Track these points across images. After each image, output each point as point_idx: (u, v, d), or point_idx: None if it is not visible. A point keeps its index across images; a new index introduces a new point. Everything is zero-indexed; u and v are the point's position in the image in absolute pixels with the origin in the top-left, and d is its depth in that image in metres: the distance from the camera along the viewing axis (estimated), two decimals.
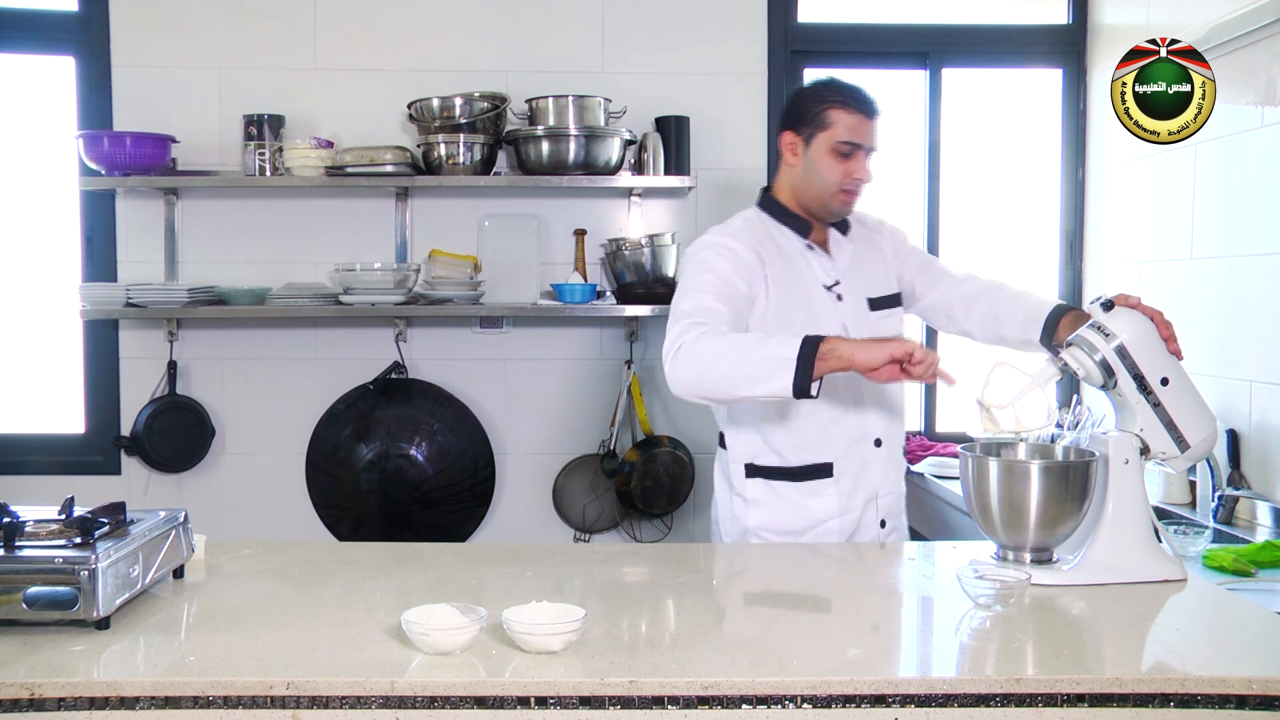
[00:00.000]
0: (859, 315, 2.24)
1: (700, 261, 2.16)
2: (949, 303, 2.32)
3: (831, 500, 2.22)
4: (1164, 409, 1.93)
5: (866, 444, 2.25)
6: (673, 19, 3.65)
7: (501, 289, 3.56)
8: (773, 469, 2.24)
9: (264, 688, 1.38)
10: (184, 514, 1.83)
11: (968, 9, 3.85)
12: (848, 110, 2.16)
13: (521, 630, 1.46)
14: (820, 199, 2.21)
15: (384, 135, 3.55)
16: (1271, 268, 2.75)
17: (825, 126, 2.17)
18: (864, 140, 2.17)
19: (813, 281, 2.23)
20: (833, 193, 2.19)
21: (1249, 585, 2.18)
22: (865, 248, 2.33)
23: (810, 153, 2.19)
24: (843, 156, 2.16)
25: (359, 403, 3.65)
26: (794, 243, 2.25)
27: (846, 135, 2.16)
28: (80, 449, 3.68)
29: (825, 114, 2.17)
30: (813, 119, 2.18)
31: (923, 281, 2.36)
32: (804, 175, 2.22)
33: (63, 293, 3.57)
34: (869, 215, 2.41)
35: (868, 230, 2.37)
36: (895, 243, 2.39)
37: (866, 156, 2.19)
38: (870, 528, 2.27)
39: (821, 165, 2.18)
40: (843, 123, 2.16)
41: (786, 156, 2.24)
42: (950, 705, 1.40)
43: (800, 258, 2.24)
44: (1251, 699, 1.42)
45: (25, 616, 1.52)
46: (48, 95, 3.69)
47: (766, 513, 2.25)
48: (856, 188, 2.19)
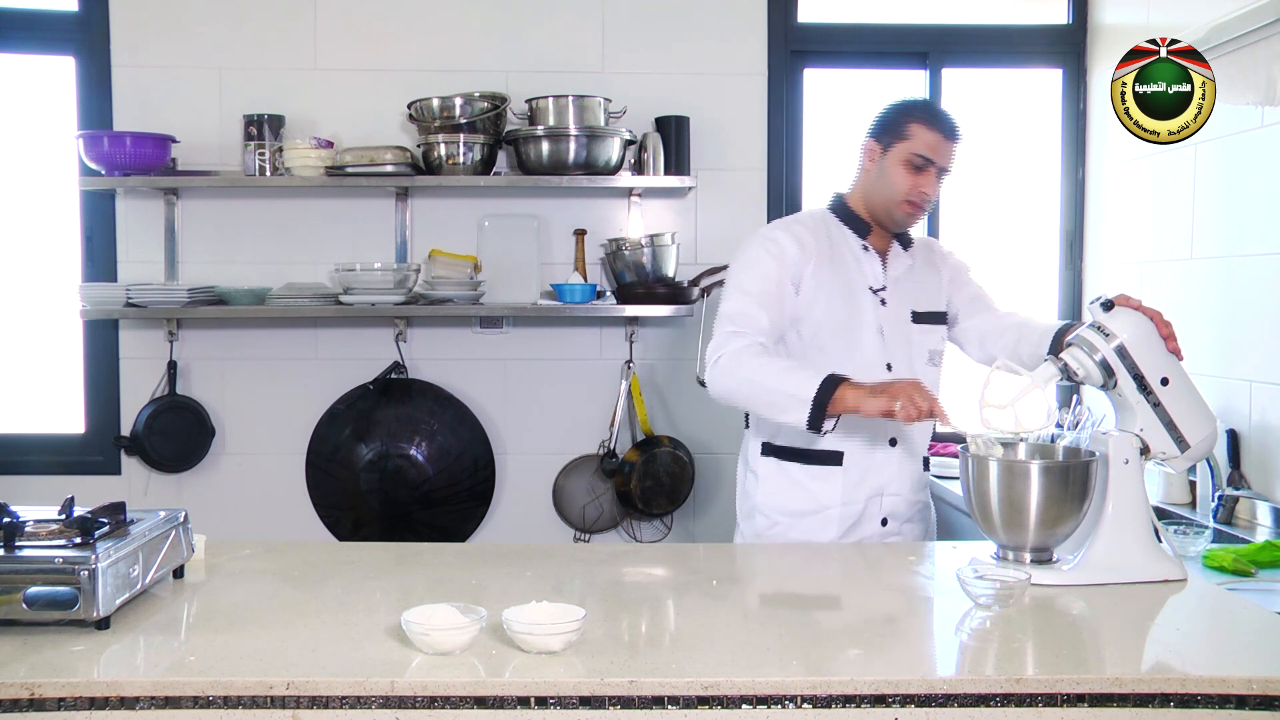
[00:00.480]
0: (899, 324, 2.32)
1: (749, 258, 2.28)
2: (982, 332, 2.39)
3: (836, 488, 2.29)
4: (1164, 409, 1.93)
5: (881, 441, 2.30)
6: (673, 19, 3.65)
7: (501, 289, 3.56)
8: (785, 449, 2.33)
9: (264, 688, 1.38)
10: (184, 514, 1.83)
11: (968, 9, 3.85)
12: (928, 127, 2.24)
13: (521, 630, 1.46)
14: (886, 206, 2.29)
15: (384, 135, 3.55)
16: (1271, 268, 2.75)
17: (904, 138, 2.26)
18: (937, 158, 2.24)
19: (860, 282, 2.31)
20: (898, 202, 2.27)
21: (1249, 585, 2.18)
22: (923, 266, 2.41)
23: (885, 161, 2.28)
24: (914, 169, 2.25)
25: (359, 403, 3.65)
26: (851, 243, 2.34)
27: (921, 149, 2.24)
28: (80, 449, 3.68)
29: (906, 126, 2.26)
30: (894, 129, 2.27)
31: (966, 310, 2.43)
32: (875, 181, 2.30)
33: (63, 293, 3.57)
34: (939, 245, 2.52)
35: (931, 254, 2.46)
36: (955, 272, 2.47)
37: (938, 175, 2.27)
38: (871, 523, 2.31)
39: (893, 174, 2.26)
40: (921, 137, 2.24)
41: (864, 162, 2.33)
42: (950, 705, 1.40)
43: (852, 257, 2.33)
44: (1251, 699, 1.42)
45: (25, 616, 1.52)
46: (48, 95, 3.69)
47: (773, 491, 2.34)
48: (922, 201, 2.26)
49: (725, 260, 3.62)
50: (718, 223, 3.68)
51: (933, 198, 2.28)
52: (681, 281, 3.52)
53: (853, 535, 2.30)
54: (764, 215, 3.67)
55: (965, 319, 2.42)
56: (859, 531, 2.30)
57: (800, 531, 2.31)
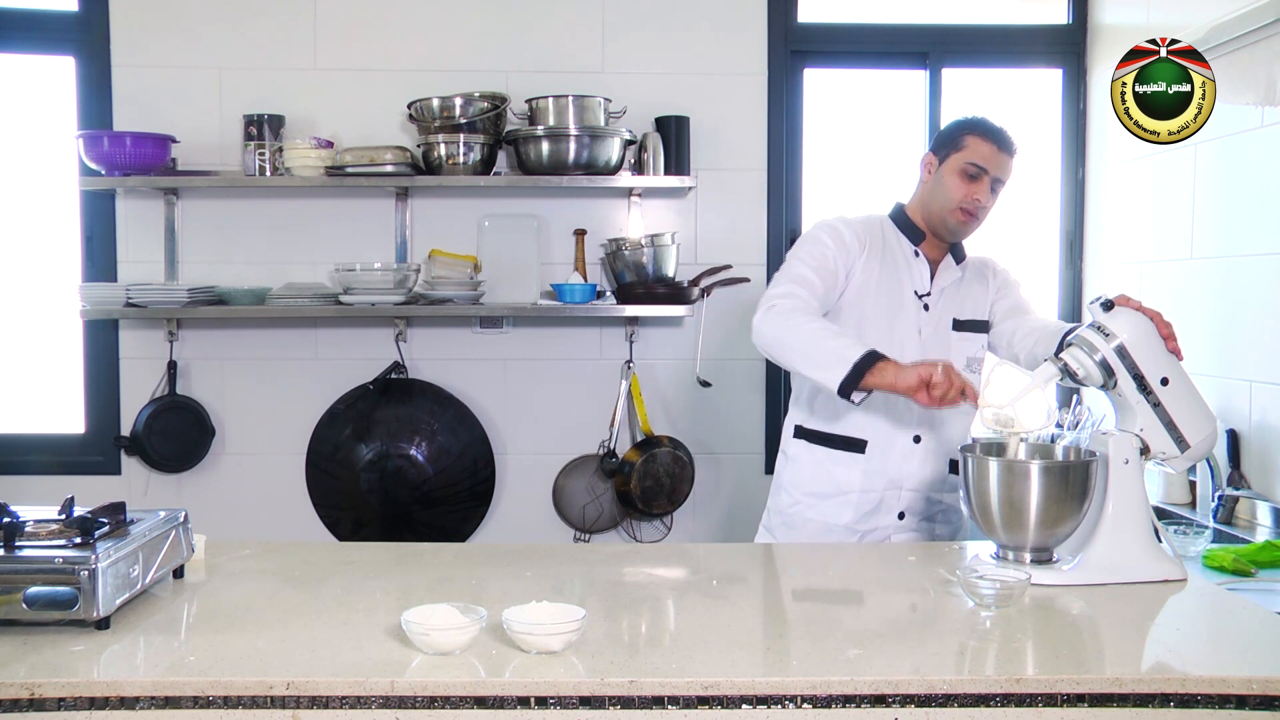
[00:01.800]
0: (940, 329, 2.38)
1: (812, 238, 2.37)
2: (1012, 333, 2.41)
3: (857, 474, 2.36)
4: (1164, 409, 1.93)
5: (905, 436, 2.35)
6: (673, 19, 3.65)
7: (501, 289, 3.56)
8: (815, 433, 2.42)
9: (264, 688, 1.38)
10: (184, 514, 1.83)
11: (968, 9, 3.85)
12: (983, 139, 2.31)
13: (521, 630, 1.47)
14: (941, 214, 2.35)
15: (384, 135, 3.55)
16: (1271, 268, 2.75)
17: (959, 148, 2.32)
18: (991, 167, 2.30)
19: (907, 284, 2.37)
20: (952, 209, 2.32)
21: (1249, 585, 2.18)
22: (974, 280, 2.47)
23: (942, 171, 2.35)
24: (969, 179, 2.31)
25: (359, 403, 3.65)
26: (904, 247, 2.40)
27: (975, 158, 2.30)
28: (80, 449, 3.68)
29: (963, 138, 2.33)
30: (951, 141, 2.35)
31: (1002, 315, 2.47)
32: (932, 191, 2.37)
33: (63, 293, 3.57)
34: (995, 263, 2.54)
35: (984, 270, 2.50)
36: (1003, 284, 2.50)
37: (992, 186, 2.32)
38: (888, 514, 2.37)
39: (948, 182, 2.33)
40: (975, 148, 2.31)
41: (923, 174, 2.41)
42: (950, 705, 1.40)
43: (904, 261, 2.39)
44: (1251, 699, 1.42)
45: (25, 616, 1.52)
46: (48, 95, 3.69)
47: (799, 471, 2.43)
48: (975, 208, 2.32)
49: (725, 260, 3.66)
50: (718, 223, 3.68)
51: (987, 206, 2.34)
52: (681, 281, 3.52)
53: (868, 523, 2.37)
54: (764, 215, 3.67)
55: (999, 324, 2.47)
56: (875, 520, 2.37)
57: (819, 512, 2.39)
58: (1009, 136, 2.34)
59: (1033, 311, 2.48)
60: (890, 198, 2.49)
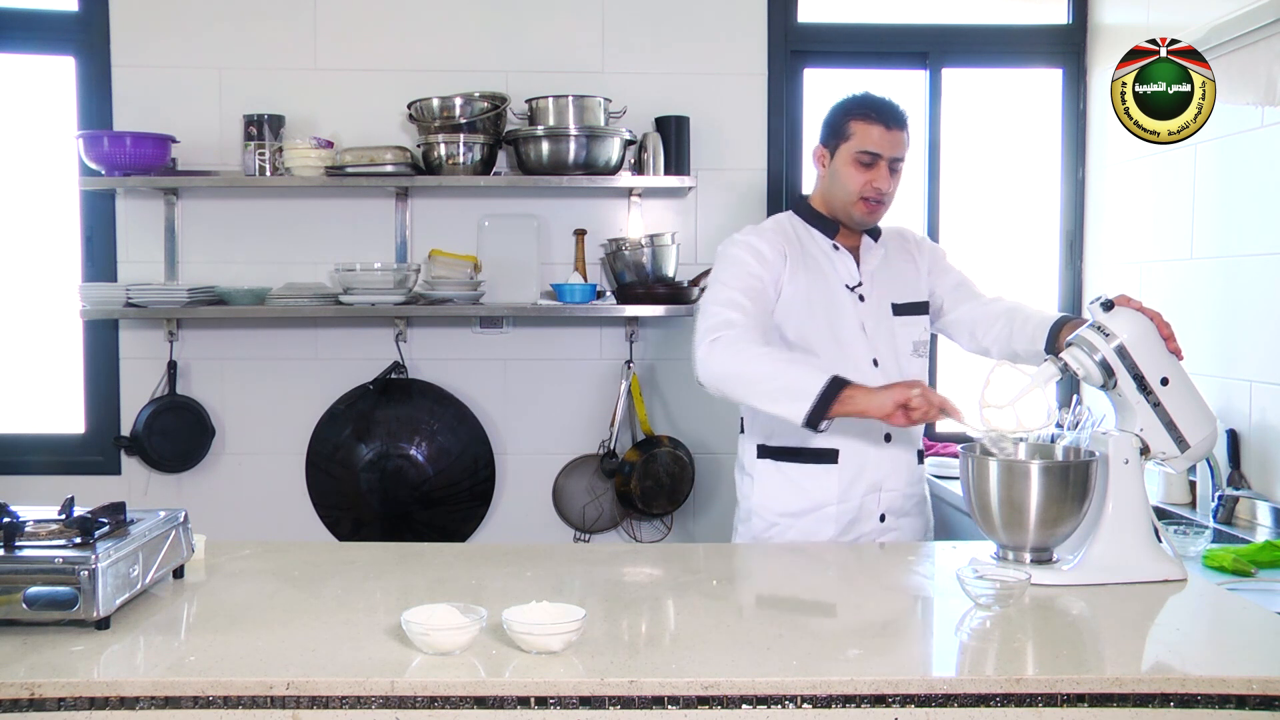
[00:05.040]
0: (880, 318, 2.32)
1: (729, 258, 2.27)
2: (972, 321, 2.38)
3: (833, 486, 2.28)
4: (1164, 409, 1.93)
5: (875, 436, 2.29)
6: (673, 19, 3.65)
7: (501, 289, 3.56)
8: (781, 449, 2.33)
9: (264, 688, 1.38)
10: (184, 514, 1.83)
11: (968, 9, 3.85)
12: (868, 121, 2.23)
13: (521, 630, 1.47)
14: (845, 207, 2.29)
15: (384, 135, 3.55)
16: (1271, 268, 2.75)
17: (847, 137, 2.25)
18: (884, 150, 2.23)
19: (836, 281, 2.31)
20: (854, 201, 2.26)
21: (1249, 585, 2.18)
22: (898, 256, 2.40)
23: (835, 163, 2.28)
24: (864, 166, 2.24)
25: (359, 403, 3.65)
26: (821, 243, 2.34)
27: (866, 145, 2.23)
28: (80, 449, 3.68)
29: (847, 125, 2.25)
30: (837, 131, 2.27)
31: (951, 299, 2.42)
32: (830, 185, 2.30)
33: (63, 293, 3.57)
34: (912, 232, 2.49)
35: (905, 243, 2.44)
36: (933, 260, 2.46)
37: (889, 167, 2.25)
38: (869, 519, 2.31)
39: (844, 174, 2.26)
40: (863, 133, 2.23)
41: (817, 168, 2.34)
42: (950, 705, 1.40)
43: (825, 258, 2.32)
44: (1251, 699, 1.42)
45: (25, 616, 1.53)
46: (48, 95, 3.69)
47: (770, 493, 2.33)
48: (876, 195, 2.25)
49: None
50: (718, 223, 3.67)
51: (890, 190, 2.27)
52: (681, 281, 3.52)
53: (851, 533, 2.30)
54: (764, 215, 3.66)
55: (952, 309, 2.41)
56: (858, 529, 2.30)
57: (798, 532, 2.30)
58: (896, 110, 2.25)
59: (977, 288, 2.42)
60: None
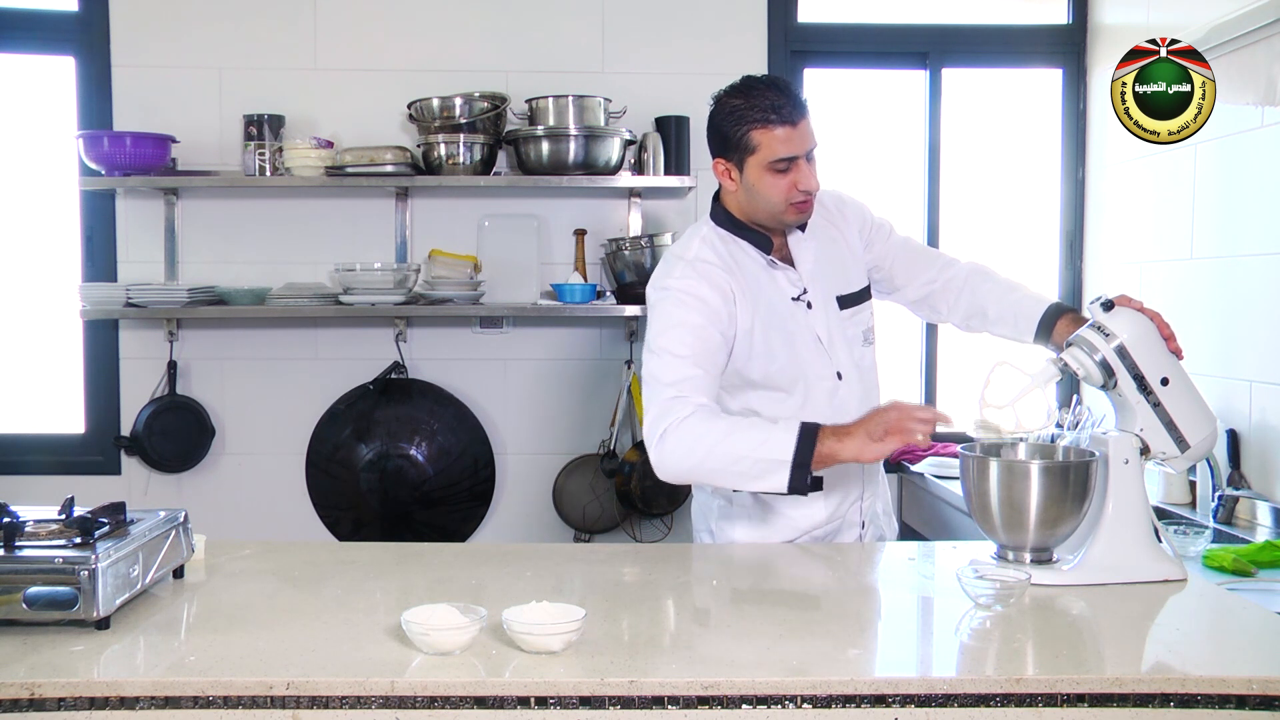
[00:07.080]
0: (830, 319, 2.16)
1: (668, 317, 2.04)
2: (931, 294, 2.27)
3: (819, 510, 2.17)
4: (1164, 409, 1.93)
5: None
6: (673, 19, 3.65)
7: (501, 289, 3.56)
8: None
9: (264, 688, 1.38)
10: (184, 514, 1.83)
11: (968, 9, 3.85)
12: (769, 126, 1.99)
13: (521, 630, 1.46)
14: (774, 217, 2.09)
15: (384, 135, 3.55)
16: (1271, 268, 2.75)
17: (752, 150, 2.02)
18: (796, 150, 2.01)
19: (780, 297, 2.13)
20: (782, 210, 2.06)
21: (1249, 585, 2.18)
22: (829, 242, 2.21)
23: (746, 178, 2.05)
24: (780, 174, 2.02)
25: (359, 403, 3.65)
26: (756, 259, 2.13)
27: (776, 153, 2.01)
28: (80, 449, 3.68)
29: (747, 137, 2.01)
30: (736, 144, 2.04)
31: (903, 270, 2.28)
32: (749, 199, 2.08)
33: (63, 293, 3.57)
34: (827, 195, 2.25)
35: (829, 218, 2.23)
36: (862, 227, 2.27)
37: (809, 161, 2.04)
38: (851, 530, 2.24)
39: (762, 187, 2.04)
40: (767, 142, 2.00)
41: (725, 183, 2.11)
42: (950, 705, 1.40)
43: (764, 274, 2.13)
44: (1251, 699, 1.42)
45: (25, 616, 1.52)
46: (48, 95, 3.69)
47: (751, 528, 2.20)
48: (805, 195, 2.05)
49: None
50: None
51: (815, 188, 2.04)
52: None
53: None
54: None
55: (905, 283, 2.28)
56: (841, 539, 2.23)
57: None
58: (793, 100, 2.00)
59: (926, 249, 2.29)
60: (890, 197, 2.44)
